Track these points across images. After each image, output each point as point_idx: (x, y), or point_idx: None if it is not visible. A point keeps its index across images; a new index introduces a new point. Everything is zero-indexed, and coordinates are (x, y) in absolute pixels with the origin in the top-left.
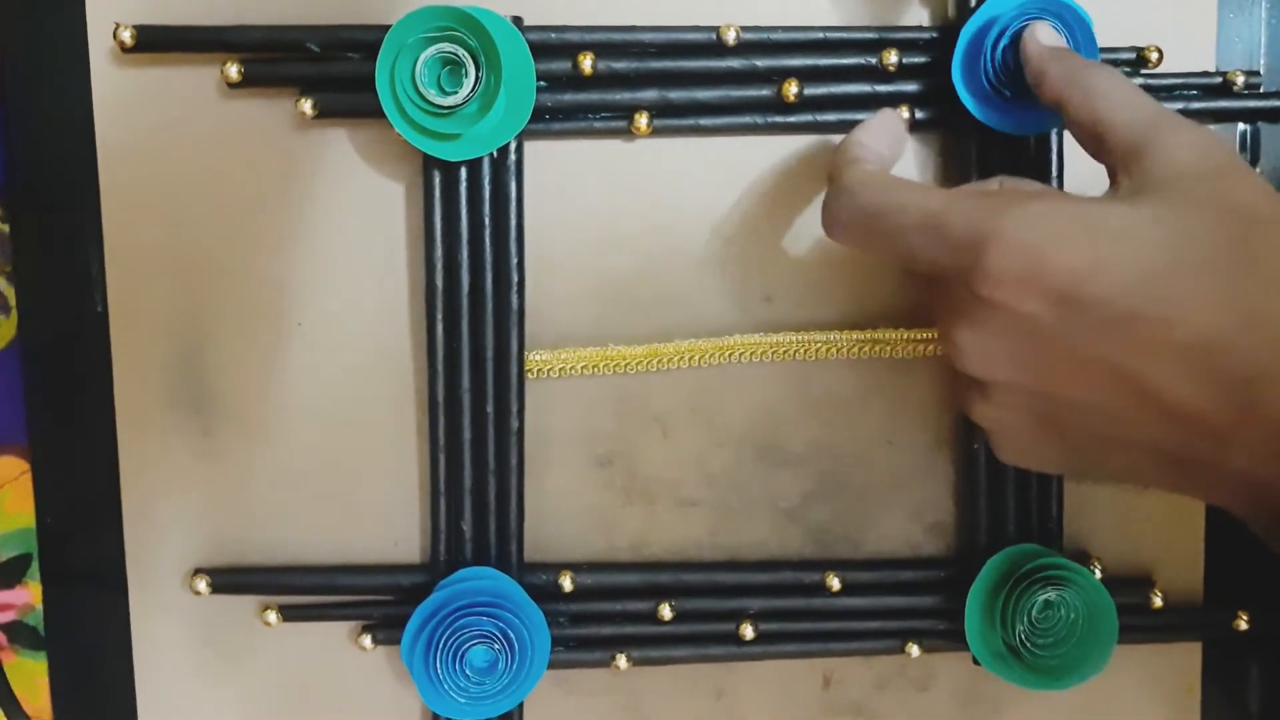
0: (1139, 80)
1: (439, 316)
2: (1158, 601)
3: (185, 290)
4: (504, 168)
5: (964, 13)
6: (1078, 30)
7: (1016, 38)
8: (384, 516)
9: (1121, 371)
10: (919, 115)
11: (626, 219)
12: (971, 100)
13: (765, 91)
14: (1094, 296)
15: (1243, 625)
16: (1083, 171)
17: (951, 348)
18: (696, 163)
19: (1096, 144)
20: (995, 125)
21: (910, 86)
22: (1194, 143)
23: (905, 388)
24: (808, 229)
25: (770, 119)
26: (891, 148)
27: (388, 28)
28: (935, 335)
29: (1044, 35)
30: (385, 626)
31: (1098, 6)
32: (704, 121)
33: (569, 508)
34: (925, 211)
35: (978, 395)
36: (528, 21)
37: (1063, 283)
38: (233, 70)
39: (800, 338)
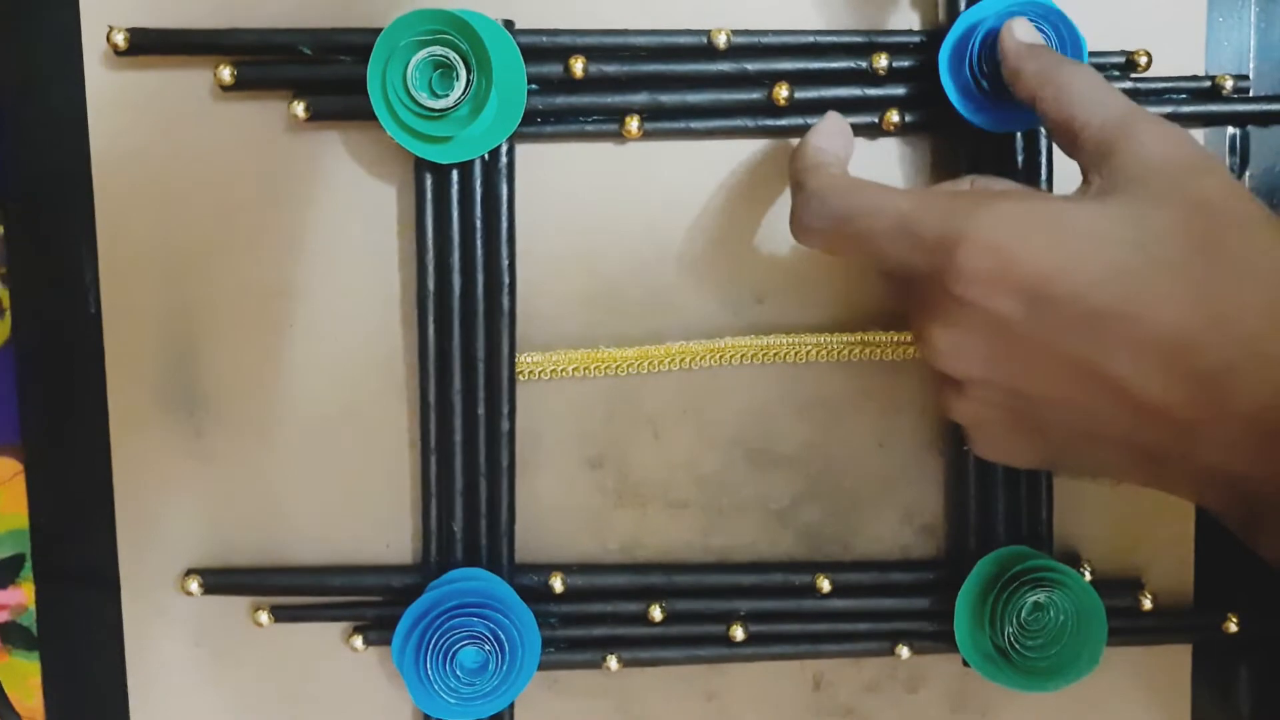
0: (1128, 84)
1: (430, 318)
2: (1147, 603)
3: (178, 292)
4: (495, 170)
5: (953, 17)
6: (1065, 37)
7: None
8: (375, 517)
9: (1092, 368)
10: (909, 118)
11: (617, 221)
12: (958, 99)
13: (756, 95)
14: (1063, 294)
15: (1232, 627)
16: (1071, 171)
17: (926, 347)
18: (687, 166)
19: (1069, 142)
20: (982, 124)
21: (900, 90)
22: (1163, 139)
23: (896, 390)
24: None
25: (761, 122)
26: (845, 148)
27: (380, 31)
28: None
29: (1021, 31)
30: (376, 627)
31: (1087, 10)
32: (695, 124)
33: (560, 509)
34: (896, 214)
35: (954, 393)
36: (519, 25)
37: (1032, 281)
38: (226, 73)
39: (791, 340)
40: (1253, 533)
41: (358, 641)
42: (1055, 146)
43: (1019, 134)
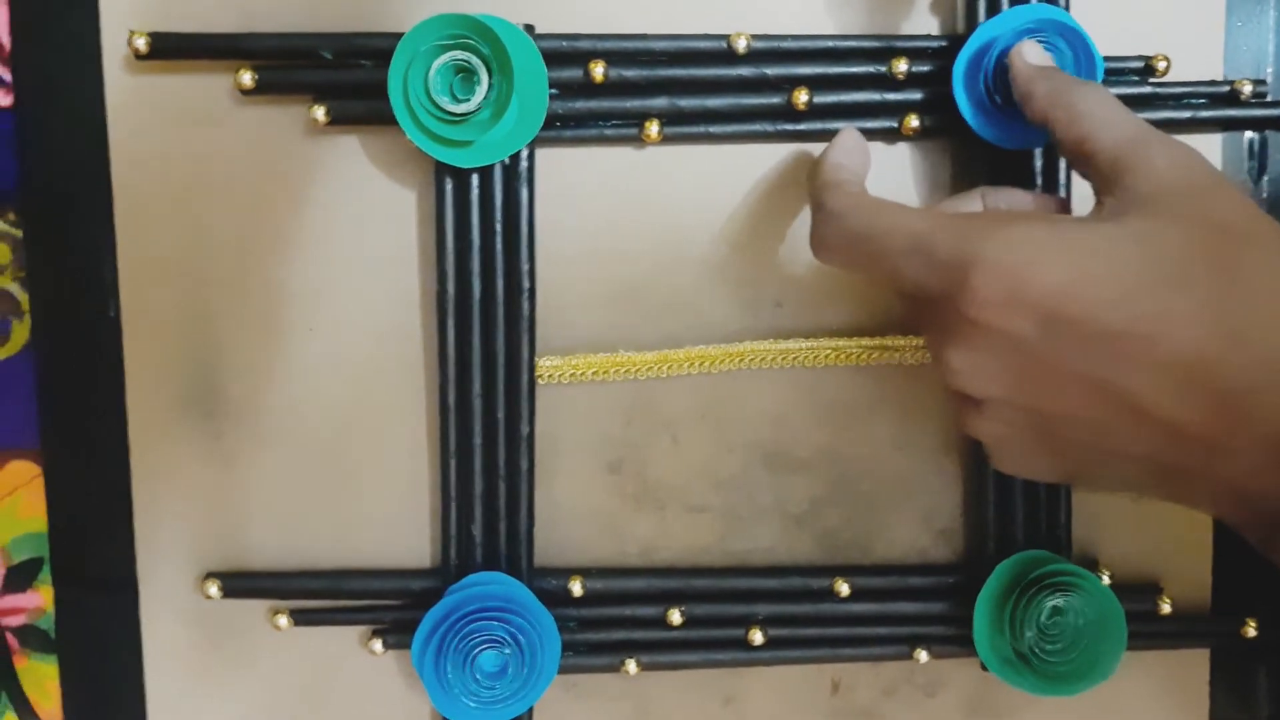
0: (1147, 89)
1: (450, 322)
2: (1166, 608)
3: (198, 295)
4: (516, 175)
5: (972, 23)
6: (1080, 53)
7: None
8: (395, 521)
9: (1108, 387)
10: (927, 123)
11: (637, 226)
12: (973, 115)
13: (775, 99)
14: (1077, 314)
15: (1251, 632)
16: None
17: (943, 367)
18: (707, 170)
19: (1082, 163)
20: (997, 141)
21: (918, 94)
22: (1175, 160)
23: (914, 394)
24: None
25: (780, 126)
26: (863, 163)
27: (401, 35)
28: None
29: (1031, 54)
30: (396, 631)
31: (1105, 16)
32: (714, 129)
33: (579, 513)
34: (911, 235)
35: (972, 411)
36: (540, 29)
37: (1046, 302)
38: (246, 77)
39: (810, 344)
40: (1273, 548)
41: (376, 645)
42: None
43: None
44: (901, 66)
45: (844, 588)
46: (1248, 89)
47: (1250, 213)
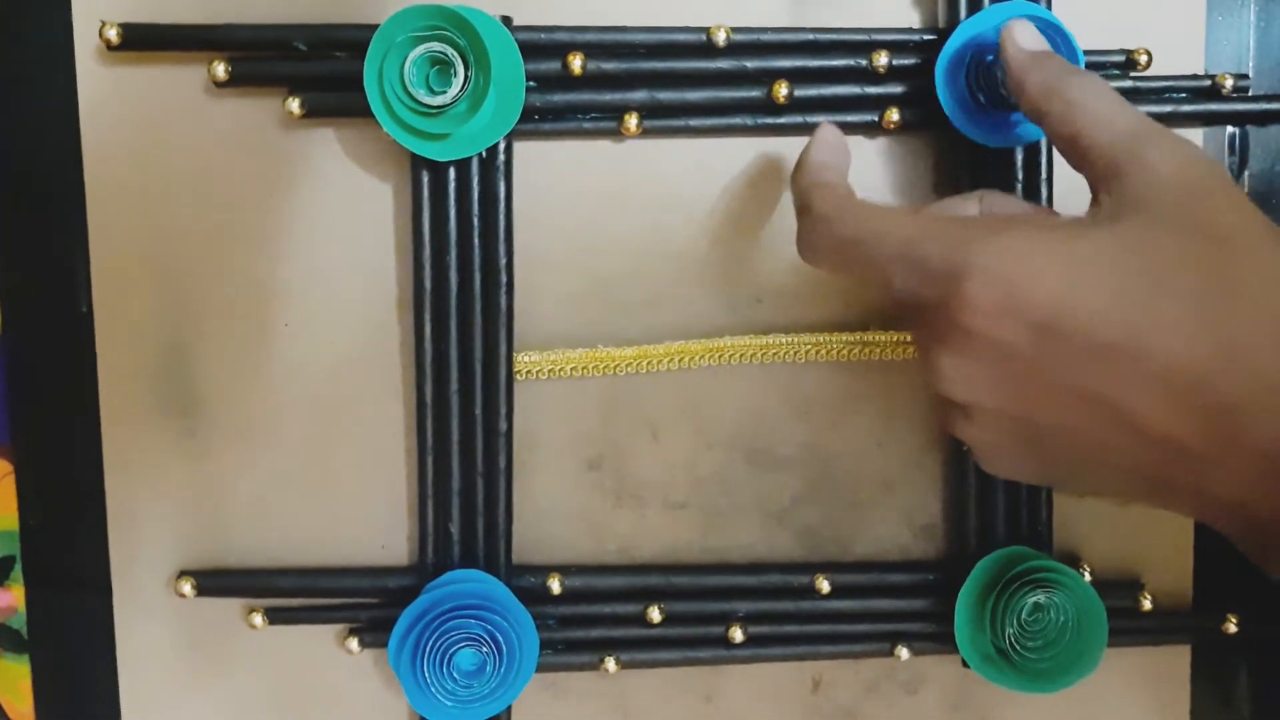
0: (1128, 83)
1: (427, 317)
2: (1147, 604)
3: (171, 291)
4: (493, 168)
5: (953, 17)
6: (1061, 46)
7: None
8: (371, 518)
9: (1100, 398)
10: (908, 117)
11: (616, 220)
12: (955, 113)
13: (755, 93)
14: (1070, 325)
15: (1231, 628)
16: (1072, 179)
17: (933, 373)
18: (686, 164)
19: (1078, 159)
20: (979, 139)
21: (899, 88)
22: (1174, 160)
23: (895, 390)
24: None
25: (760, 120)
26: (845, 159)
27: (376, 27)
28: None
29: (1023, 37)
30: (372, 629)
31: (1087, 9)
32: (694, 122)
33: (558, 510)
34: (902, 240)
35: (959, 416)
36: (517, 21)
37: (1039, 312)
38: (220, 69)
39: (790, 340)
40: (1263, 558)
41: (353, 644)
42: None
43: None
44: (882, 60)
45: (824, 585)
46: (1229, 83)
47: (1250, 218)
